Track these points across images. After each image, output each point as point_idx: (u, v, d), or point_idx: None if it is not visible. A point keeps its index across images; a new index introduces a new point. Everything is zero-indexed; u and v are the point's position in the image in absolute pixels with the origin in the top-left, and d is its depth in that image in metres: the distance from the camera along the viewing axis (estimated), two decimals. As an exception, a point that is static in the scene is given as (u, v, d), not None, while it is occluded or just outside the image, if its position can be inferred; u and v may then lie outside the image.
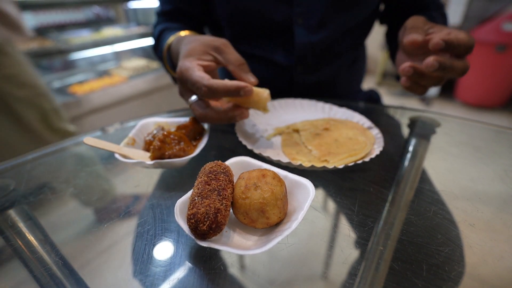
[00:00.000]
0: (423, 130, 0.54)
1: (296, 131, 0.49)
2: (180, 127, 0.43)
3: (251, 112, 0.53)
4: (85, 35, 2.02)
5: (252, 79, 0.43)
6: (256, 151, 0.41)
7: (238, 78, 0.43)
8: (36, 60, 1.70)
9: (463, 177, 0.42)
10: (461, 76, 0.42)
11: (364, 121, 0.50)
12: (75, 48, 1.77)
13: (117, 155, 0.39)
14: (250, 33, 0.63)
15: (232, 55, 0.44)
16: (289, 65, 0.63)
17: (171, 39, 0.55)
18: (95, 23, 2.28)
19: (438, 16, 0.62)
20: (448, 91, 2.57)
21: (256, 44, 0.64)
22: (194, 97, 0.43)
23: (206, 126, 0.46)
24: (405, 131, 0.55)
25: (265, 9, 0.59)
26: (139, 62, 2.15)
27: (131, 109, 1.91)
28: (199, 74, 0.39)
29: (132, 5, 2.32)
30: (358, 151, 0.42)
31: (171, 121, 0.48)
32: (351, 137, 0.46)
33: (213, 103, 0.44)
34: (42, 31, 1.97)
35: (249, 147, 0.42)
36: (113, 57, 2.33)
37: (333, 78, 0.68)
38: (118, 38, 1.97)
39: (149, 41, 2.25)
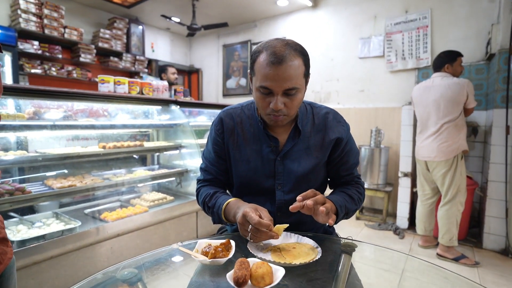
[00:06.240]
0: (347, 250, 0.99)
1: (279, 248, 0.94)
2: (222, 244, 0.88)
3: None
4: (122, 173, 2.63)
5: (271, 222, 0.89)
6: (258, 257, 0.85)
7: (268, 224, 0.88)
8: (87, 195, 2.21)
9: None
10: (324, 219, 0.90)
11: (314, 243, 0.95)
12: (116, 185, 2.32)
13: (193, 256, 0.82)
14: (250, 192, 1.12)
15: (266, 213, 0.92)
16: (272, 211, 1.10)
17: (231, 199, 1.04)
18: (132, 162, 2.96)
19: (352, 188, 1.14)
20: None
21: (253, 199, 1.10)
22: (250, 226, 0.86)
23: (233, 243, 0.90)
24: (337, 249, 1.00)
25: (259, 181, 1.09)
26: (157, 196, 2.67)
27: (148, 234, 2.29)
28: (254, 215, 0.86)
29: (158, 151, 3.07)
30: (309, 257, 0.86)
31: (214, 241, 0.92)
32: (307, 252, 0.91)
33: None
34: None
35: (255, 255, 0.86)
36: (137, 190, 2.88)
37: (301, 220, 1.15)
38: (146, 178, 2.56)
39: (167, 179, 2.86)
